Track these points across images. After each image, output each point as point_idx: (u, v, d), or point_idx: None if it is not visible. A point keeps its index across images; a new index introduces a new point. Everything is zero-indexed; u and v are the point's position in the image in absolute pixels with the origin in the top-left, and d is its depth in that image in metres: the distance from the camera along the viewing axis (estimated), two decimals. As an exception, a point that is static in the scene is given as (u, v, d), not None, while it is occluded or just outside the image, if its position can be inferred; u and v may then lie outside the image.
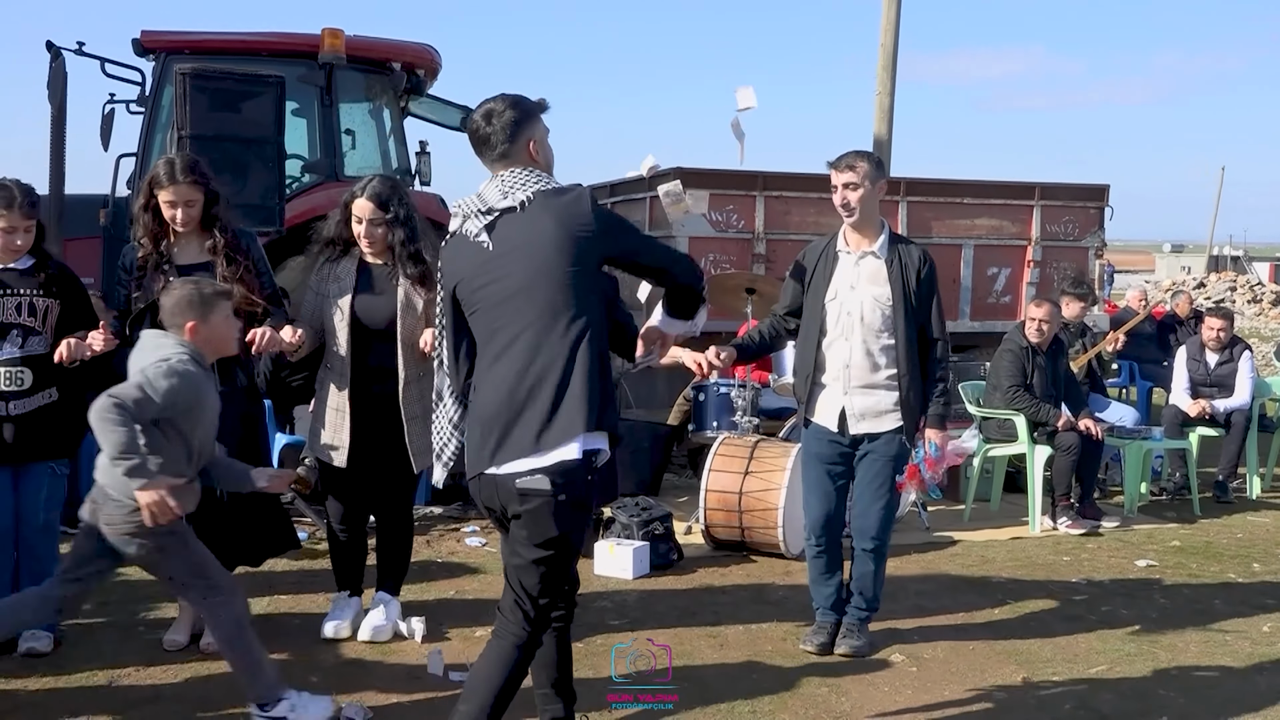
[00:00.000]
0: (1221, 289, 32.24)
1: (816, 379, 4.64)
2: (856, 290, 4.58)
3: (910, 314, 4.55)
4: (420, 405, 4.55)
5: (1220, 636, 5.10)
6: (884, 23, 12.89)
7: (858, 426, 4.60)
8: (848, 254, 4.64)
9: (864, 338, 4.56)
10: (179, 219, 4.39)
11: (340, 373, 4.59)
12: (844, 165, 4.56)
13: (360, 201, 4.57)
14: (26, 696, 4.12)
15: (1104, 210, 10.26)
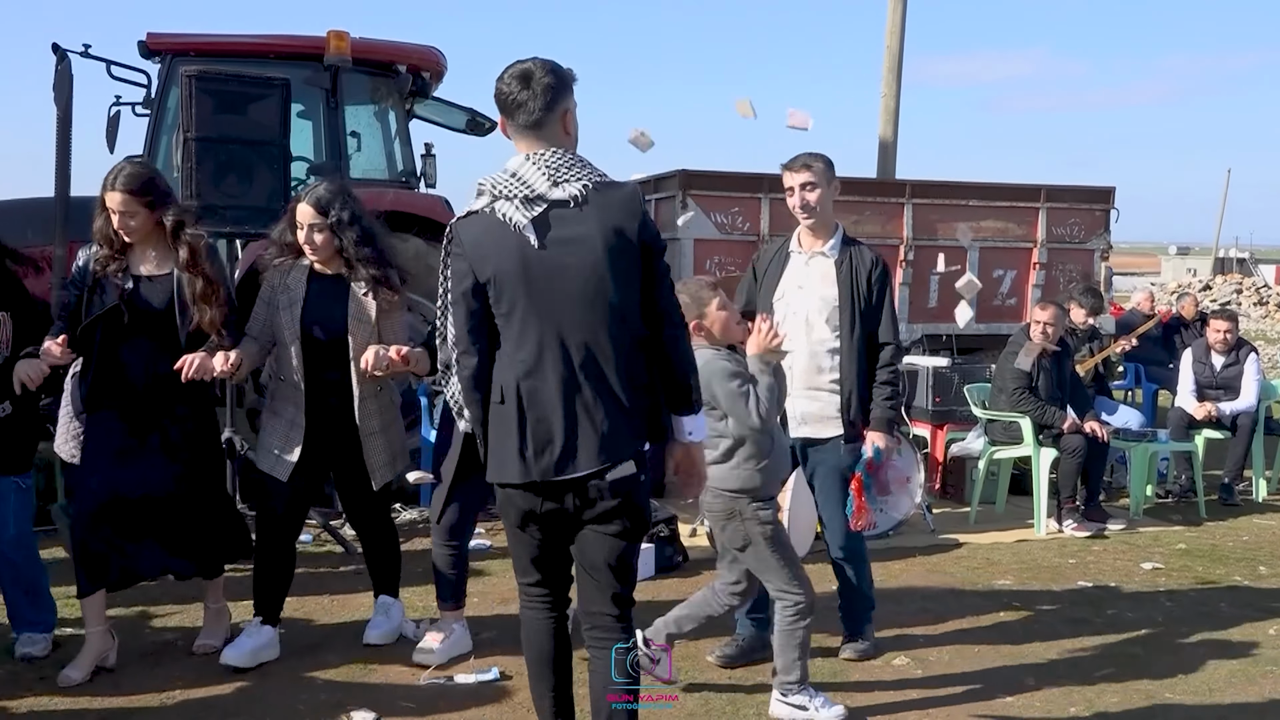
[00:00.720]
0: (1227, 291, 32.20)
1: None
2: (804, 291, 4.55)
3: (859, 317, 4.48)
4: (379, 420, 4.52)
5: (1226, 639, 5.08)
6: (889, 25, 12.91)
7: (799, 430, 4.54)
8: (799, 254, 4.61)
9: (809, 339, 4.51)
10: (118, 227, 4.23)
11: (294, 386, 4.45)
12: (800, 165, 4.51)
13: (301, 207, 4.46)
14: (32, 699, 4.13)
15: (1109, 212, 10.24)
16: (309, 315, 4.42)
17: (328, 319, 4.43)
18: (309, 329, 4.42)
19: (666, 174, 9.31)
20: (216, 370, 4.20)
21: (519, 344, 3.04)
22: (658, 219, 9.45)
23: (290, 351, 4.42)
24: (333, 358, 4.44)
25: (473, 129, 8.68)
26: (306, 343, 4.42)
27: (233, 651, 4.43)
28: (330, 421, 4.47)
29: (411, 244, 7.41)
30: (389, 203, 7.57)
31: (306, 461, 4.45)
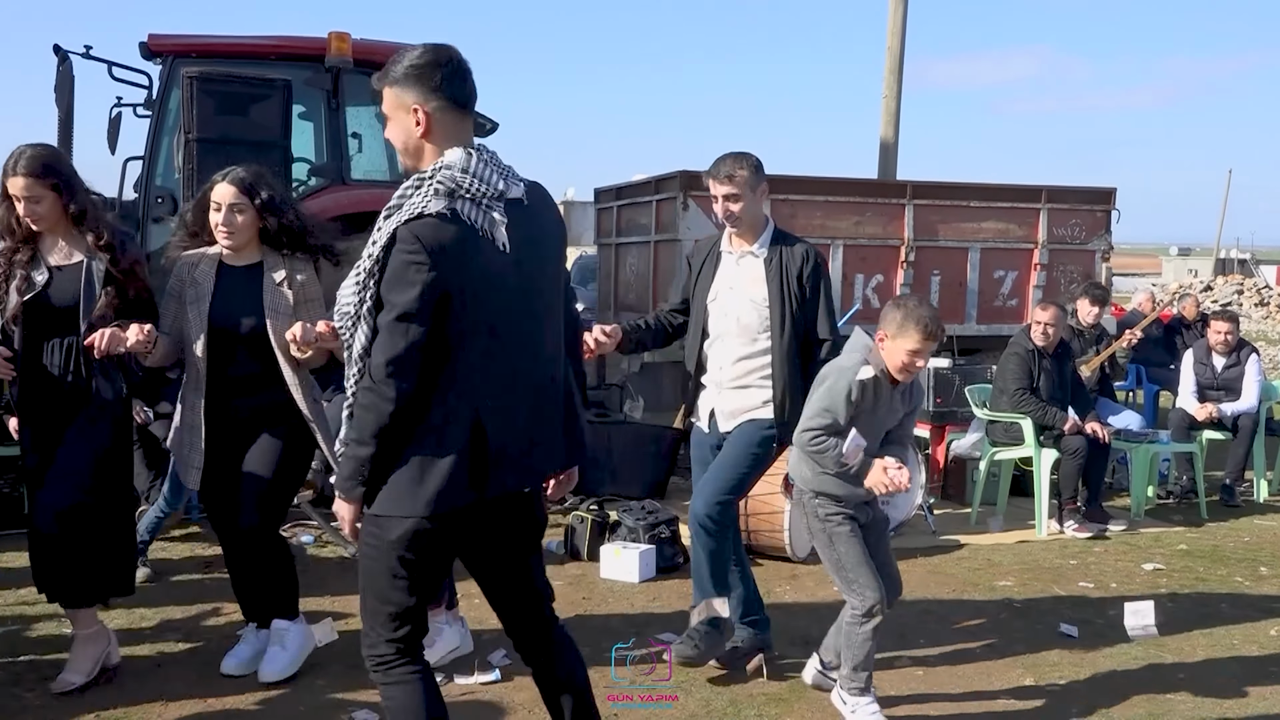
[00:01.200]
0: (1229, 292, 32.17)
1: (698, 379, 4.55)
2: (735, 291, 4.46)
3: (790, 315, 4.36)
4: (312, 411, 4.27)
5: (1227, 640, 5.08)
6: (890, 26, 12.92)
7: (727, 425, 4.47)
8: (730, 254, 4.53)
9: (740, 340, 4.42)
10: (23, 213, 3.97)
11: (195, 385, 4.18)
12: (723, 177, 4.37)
13: (221, 187, 4.15)
14: (33, 699, 4.14)
15: (1110, 213, 10.25)
16: (218, 309, 4.13)
17: (239, 313, 4.14)
18: (218, 324, 4.13)
19: (667, 175, 9.32)
20: (130, 342, 3.89)
21: (486, 361, 2.76)
22: (658, 220, 9.46)
23: (196, 347, 4.13)
24: (244, 354, 4.16)
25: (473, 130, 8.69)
26: (214, 339, 4.13)
27: (231, 660, 4.38)
28: (235, 423, 4.20)
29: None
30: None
31: (217, 463, 4.20)
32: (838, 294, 9.42)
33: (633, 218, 10.13)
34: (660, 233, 9.45)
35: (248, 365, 4.16)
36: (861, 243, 9.45)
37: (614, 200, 10.57)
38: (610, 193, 10.74)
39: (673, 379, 9.03)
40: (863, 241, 9.46)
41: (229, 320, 4.14)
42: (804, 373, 4.35)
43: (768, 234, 4.51)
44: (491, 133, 8.72)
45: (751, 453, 4.40)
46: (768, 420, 4.38)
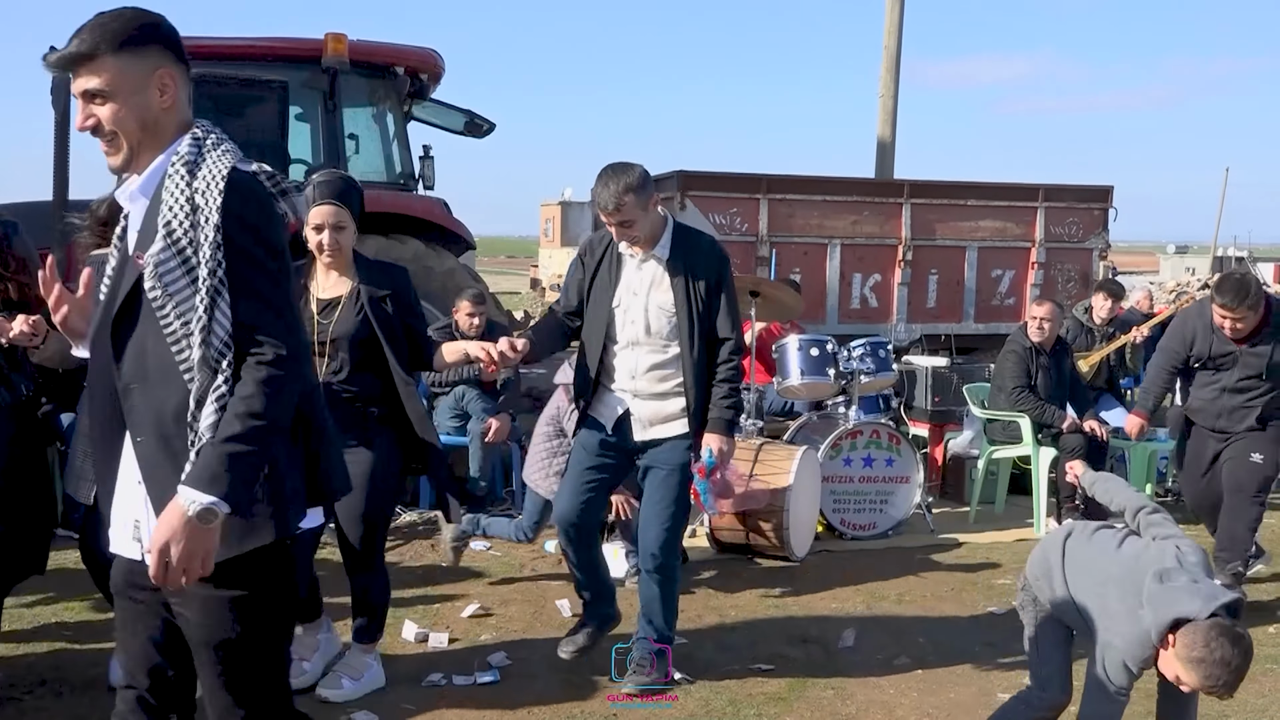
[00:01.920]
0: (1226, 290, 32.18)
1: (602, 381, 4.34)
2: (640, 297, 4.27)
3: (697, 318, 4.22)
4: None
5: (1226, 638, 5.08)
6: (887, 25, 12.94)
7: (644, 434, 4.31)
8: (631, 257, 4.30)
9: (650, 347, 4.26)
10: None
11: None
12: (611, 209, 4.13)
13: None
14: (31, 702, 4.13)
15: (1108, 211, 10.27)
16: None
17: None
18: None
19: (665, 175, 9.32)
20: (14, 331, 3.76)
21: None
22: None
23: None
24: None
25: (471, 131, 8.70)
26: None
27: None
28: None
29: (410, 246, 7.43)
30: (387, 205, 7.59)
31: None
32: (836, 293, 9.45)
33: (630, 218, 10.12)
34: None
35: None
36: (859, 242, 9.47)
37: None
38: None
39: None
40: (860, 241, 9.47)
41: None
42: (710, 374, 4.26)
43: (668, 235, 4.28)
44: (489, 133, 8.72)
45: (682, 480, 4.30)
46: (687, 439, 4.28)
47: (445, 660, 4.63)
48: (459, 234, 7.83)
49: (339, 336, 4.06)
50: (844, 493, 6.71)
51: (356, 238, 4.16)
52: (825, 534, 6.69)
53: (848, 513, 6.72)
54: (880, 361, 6.96)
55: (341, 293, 4.12)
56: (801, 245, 9.32)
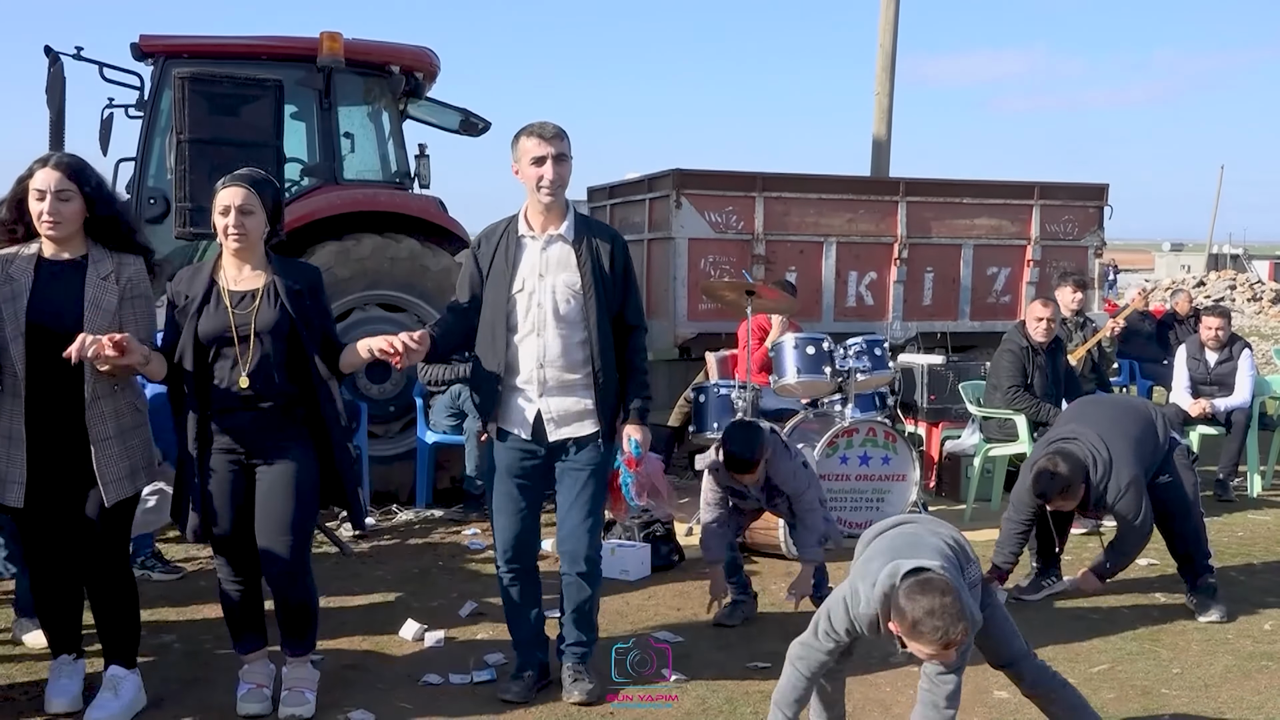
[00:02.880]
0: (1221, 287, 32.24)
1: (507, 382, 4.13)
2: (546, 278, 4.09)
3: (603, 302, 4.10)
4: (114, 424, 3.86)
5: (1221, 635, 5.09)
6: (882, 23, 12.94)
7: (557, 433, 4.15)
8: (533, 239, 4.14)
9: (558, 331, 4.08)
10: None
11: (14, 392, 3.79)
12: (553, 134, 4.04)
13: (44, 172, 3.80)
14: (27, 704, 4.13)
15: (1103, 209, 10.28)
16: (37, 306, 3.78)
17: (60, 309, 3.79)
18: (36, 321, 3.77)
19: (660, 173, 9.32)
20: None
21: None
22: (651, 218, 9.47)
23: (12, 350, 3.77)
24: (59, 356, 3.66)
25: (466, 130, 8.68)
26: (32, 338, 3.76)
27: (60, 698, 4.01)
28: (58, 428, 3.83)
29: (405, 245, 7.42)
30: (382, 203, 7.58)
31: (41, 478, 3.82)
32: (831, 291, 9.45)
33: (626, 216, 10.13)
34: (654, 231, 9.46)
35: (71, 370, 3.74)
36: (855, 240, 9.47)
37: (607, 199, 10.57)
38: (603, 191, 10.74)
39: (666, 378, 9.03)
40: (856, 239, 9.47)
41: (47, 317, 3.78)
42: (621, 364, 4.20)
43: (570, 217, 4.17)
44: (484, 132, 8.71)
45: (600, 480, 4.23)
46: (598, 437, 4.19)
47: (442, 659, 4.63)
48: (454, 233, 7.83)
49: (262, 330, 3.90)
50: (840, 490, 6.71)
51: (266, 232, 4.01)
52: (821, 532, 6.69)
53: (844, 511, 6.72)
54: (876, 359, 6.96)
55: (256, 285, 3.96)
56: (797, 243, 9.31)
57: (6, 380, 3.80)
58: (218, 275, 3.99)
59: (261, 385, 3.91)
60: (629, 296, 4.22)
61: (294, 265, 4.17)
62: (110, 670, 4.04)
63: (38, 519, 3.90)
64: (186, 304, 3.95)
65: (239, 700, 4.07)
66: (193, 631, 4.92)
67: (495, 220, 4.30)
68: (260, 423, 3.95)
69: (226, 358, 3.92)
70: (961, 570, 3.45)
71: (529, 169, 4.07)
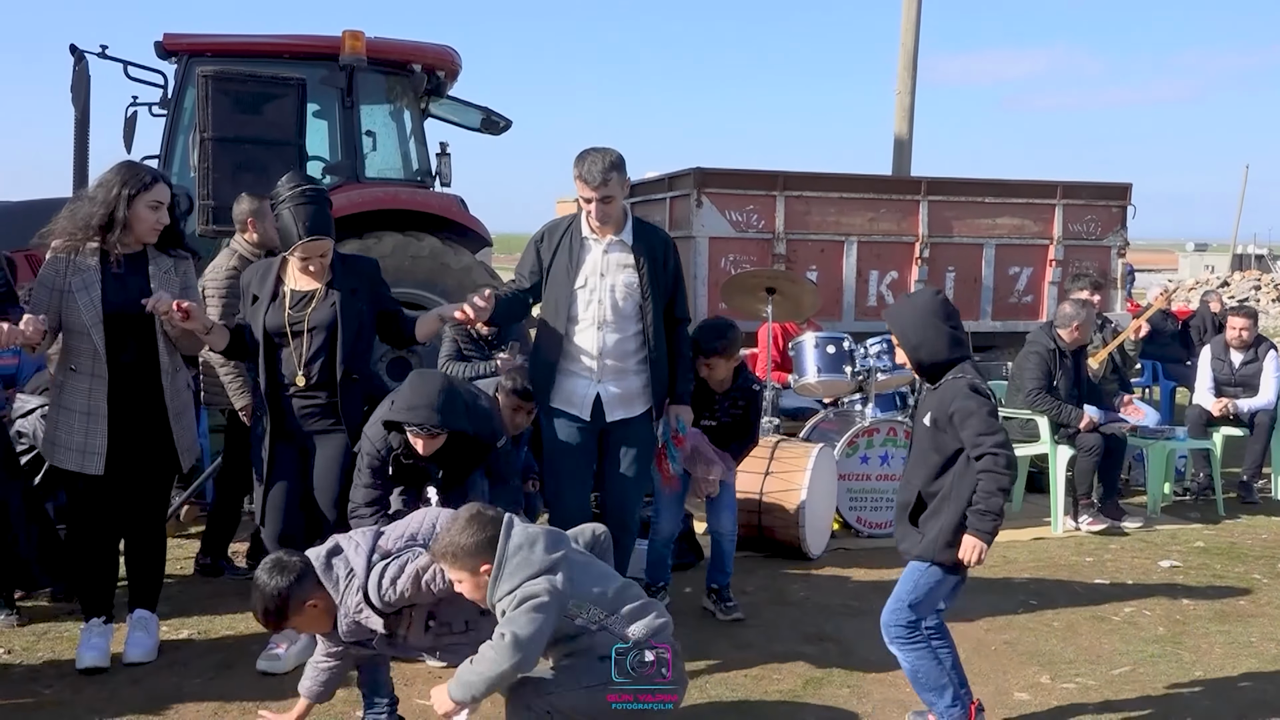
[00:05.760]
0: (1245, 288, 32.02)
1: (568, 368, 4.60)
2: (606, 278, 4.55)
3: (658, 300, 4.58)
4: (181, 400, 4.47)
5: (1245, 638, 5.06)
6: (904, 22, 12.89)
7: (613, 414, 4.60)
8: (596, 241, 4.58)
9: (616, 325, 4.54)
10: None
11: (96, 373, 4.30)
12: (599, 183, 4.43)
13: (162, 186, 4.39)
14: (51, 696, 4.16)
15: (1126, 209, 10.19)
16: (110, 296, 4.30)
17: (131, 298, 4.27)
18: (112, 310, 4.29)
19: (681, 172, 9.31)
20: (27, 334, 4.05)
21: None
22: (672, 217, 9.46)
23: (93, 335, 4.27)
24: (133, 339, 4.34)
25: (488, 128, 8.70)
26: (110, 324, 4.29)
27: (91, 653, 4.37)
28: (134, 406, 4.37)
29: (427, 243, 7.44)
30: (404, 202, 7.60)
31: (115, 452, 4.34)
32: (852, 290, 9.42)
33: (647, 214, 10.11)
34: (674, 230, 9.43)
35: (139, 350, 4.35)
36: (876, 239, 9.43)
37: (627, 197, 10.56)
38: (623, 190, 10.72)
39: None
40: (877, 238, 9.43)
41: (120, 306, 4.29)
42: (670, 351, 4.68)
43: (630, 223, 4.65)
44: (506, 130, 8.72)
45: (647, 451, 4.74)
46: (648, 415, 4.67)
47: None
48: (476, 231, 7.84)
49: (315, 328, 4.36)
50: (860, 490, 6.69)
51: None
52: (841, 532, 6.68)
53: (864, 510, 6.71)
54: (896, 359, 6.94)
55: (315, 286, 4.42)
56: (818, 242, 9.28)
57: (84, 363, 4.29)
58: (284, 274, 4.45)
59: (316, 376, 4.37)
60: (678, 293, 4.71)
61: (352, 263, 4.59)
62: (137, 613, 4.56)
63: (108, 486, 4.37)
64: (257, 303, 4.43)
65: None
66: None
67: (518, 216, 4.57)
68: (314, 408, 4.41)
69: (285, 351, 4.38)
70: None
71: (581, 202, 4.54)
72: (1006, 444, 3.71)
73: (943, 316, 3.86)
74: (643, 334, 4.57)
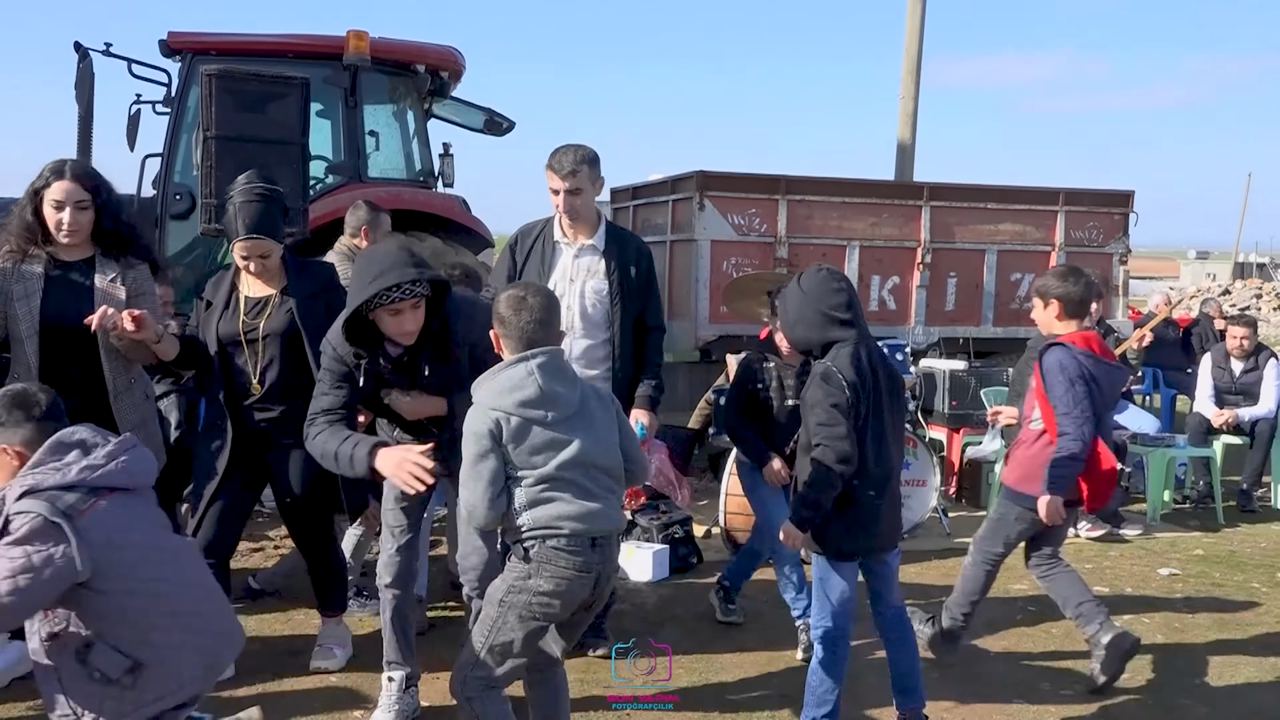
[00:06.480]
0: (1247, 296, 32.02)
1: None
2: (576, 283, 4.51)
3: (627, 308, 4.51)
4: (135, 415, 4.11)
5: (1244, 646, 5.06)
6: (908, 27, 12.88)
7: None
8: (567, 245, 4.55)
9: (585, 331, 4.50)
10: None
11: None
12: (567, 173, 4.39)
13: (62, 183, 3.98)
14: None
15: (1128, 216, 10.21)
16: (50, 306, 3.99)
17: (72, 308, 3.97)
18: (50, 321, 3.99)
19: (684, 175, 9.31)
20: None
21: None
22: (674, 220, 9.46)
23: (26, 347, 3.99)
24: (75, 352, 4.00)
25: (491, 129, 8.72)
26: (46, 336, 3.99)
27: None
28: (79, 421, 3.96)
29: (429, 243, 7.44)
30: (406, 202, 7.61)
31: None
32: (853, 295, 9.42)
33: (649, 218, 10.12)
34: (676, 233, 9.44)
35: (78, 363, 4.01)
36: (878, 244, 9.43)
37: (630, 200, 10.57)
38: (626, 192, 10.74)
39: (686, 378, 9.03)
40: (879, 243, 9.44)
41: (60, 316, 3.99)
42: (636, 358, 4.57)
43: (603, 228, 4.58)
44: (508, 131, 8.73)
45: None
46: None
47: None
48: (478, 231, 7.85)
49: (269, 335, 4.18)
50: (860, 495, 6.68)
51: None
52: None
53: (863, 515, 6.69)
54: (898, 364, 6.94)
55: (270, 292, 4.23)
56: (820, 247, 9.29)
57: (24, 375, 3.93)
58: (239, 281, 4.27)
59: (270, 385, 4.20)
60: (649, 301, 4.61)
61: (308, 268, 4.39)
62: None
63: None
64: (211, 309, 4.25)
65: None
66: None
67: (520, 217, 4.50)
68: (272, 416, 4.24)
69: (241, 359, 4.20)
70: None
71: (550, 194, 4.47)
72: (844, 438, 3.56)
73: (817, 294, 3.70)
74: (610, 341, 4.51)
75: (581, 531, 3.06)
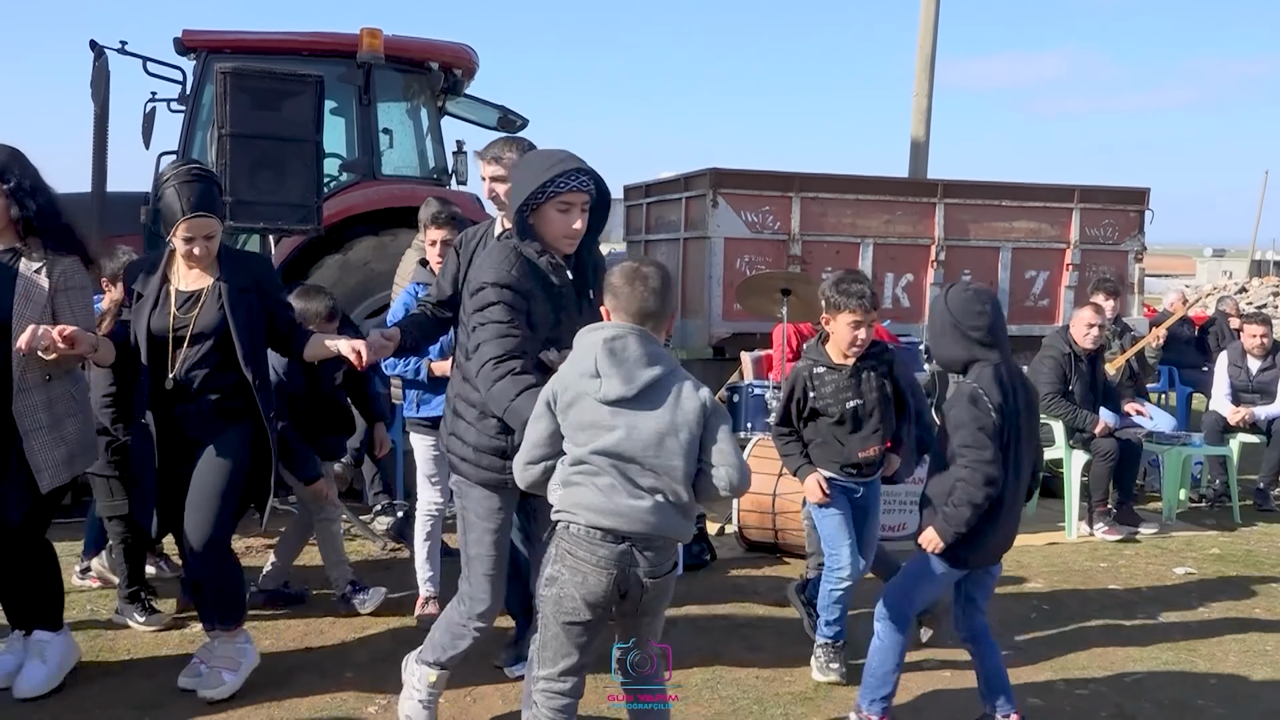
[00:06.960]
0: (1264, 294, 31.84)
1: None
2: None
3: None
4: (46, 415, 3.91)
5: (1260, 646, 5.03)
6: (922, 25, 12.87)
7: None
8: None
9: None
10: None
11: None
12: (490, 157, 4.23)
13: None
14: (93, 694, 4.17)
15: (1144, 214, 10.17)
16: None
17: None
18: None
19: (697, 172, 9.32)
20: None
21: None
22: (688, 217, 9.47)
23: None
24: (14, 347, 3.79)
25: (504, 126, 8.71)
26: None
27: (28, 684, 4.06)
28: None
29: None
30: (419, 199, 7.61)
31: None
32: (867, 293, 9.41)
33: (662, 215, 10.13)
34: (690, 230, 9.45)
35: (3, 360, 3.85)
36: (892, 242, 9.42)
37: (643, 197, 10.57)
38: (639, 190, 10.75)
39: (699, 376, 9.00)
40: (893, 240, 9.43)
41: None
42: None
43: None
44: (522, 129, 8.73)
45: None
46: None
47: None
48: (491, 229, 7.85)
49: (201, 331, 4.03)
50: (874, 493, 6.67)
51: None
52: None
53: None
54: (912, 361, 6.93)
55: (203, 285, 4.08)
56: (834, 244, 9.29)
57: None
58: (170, 273, 4.12)
59: (194, 382, 4.04)
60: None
61: (243, 260, 4.29)
62: (36, 635, 4.15)
63: None
64: (141, 301, 4.08)
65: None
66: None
67: None
68: (197, 415, 4.08)
69: (169, 355, 4.04)
70: None
71: (483, 186, 4.37)
72: (991, 462, 3.64)
73: (959, 314, 3.77)
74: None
75: (604, 526, 2.99)
